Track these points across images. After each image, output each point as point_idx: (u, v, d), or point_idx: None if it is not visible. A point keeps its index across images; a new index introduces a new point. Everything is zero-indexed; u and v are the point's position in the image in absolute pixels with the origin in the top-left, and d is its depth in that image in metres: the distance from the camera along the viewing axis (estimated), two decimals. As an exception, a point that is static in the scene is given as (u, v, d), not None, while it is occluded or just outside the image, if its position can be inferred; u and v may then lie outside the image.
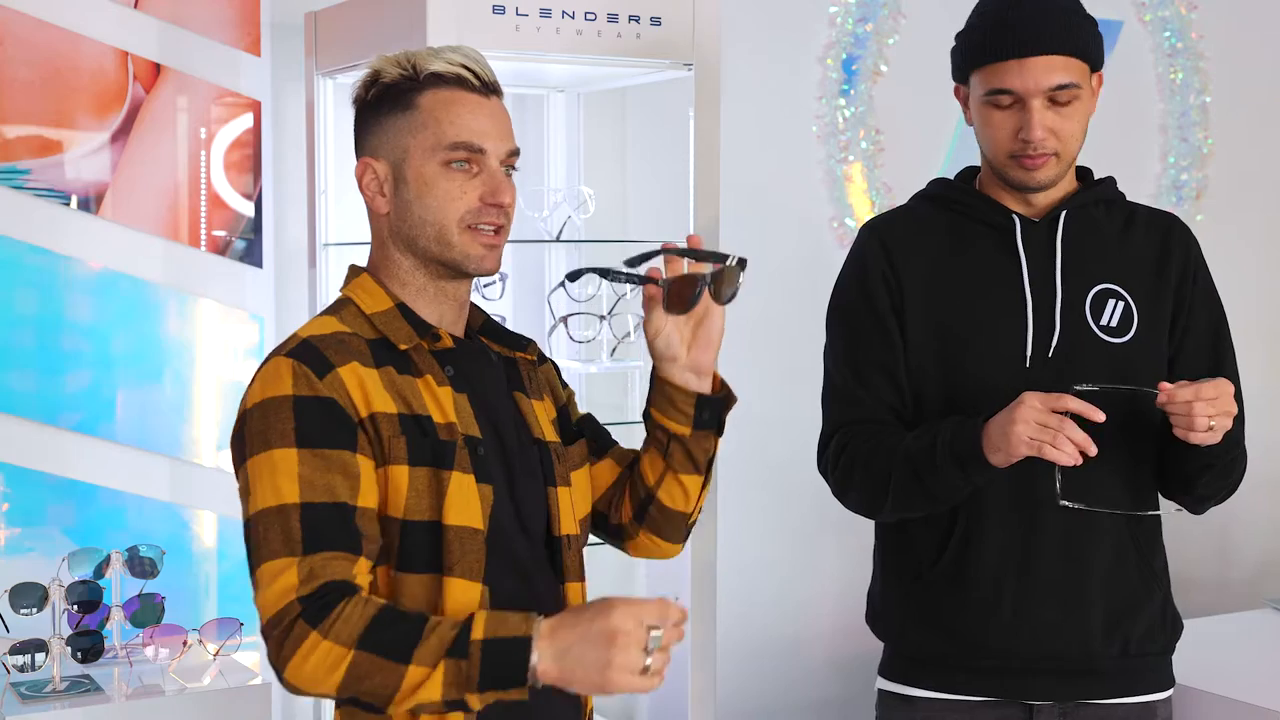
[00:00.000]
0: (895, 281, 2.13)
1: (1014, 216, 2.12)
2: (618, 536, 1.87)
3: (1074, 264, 2.10)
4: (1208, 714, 2.68)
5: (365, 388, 1.58)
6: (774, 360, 3.48)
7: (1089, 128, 2.13)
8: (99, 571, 2.63)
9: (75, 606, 2.58)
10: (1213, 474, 2.11)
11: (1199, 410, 1.92)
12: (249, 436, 1.56)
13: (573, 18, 2.61)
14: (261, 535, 1.52)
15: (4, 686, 2.51)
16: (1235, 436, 2.06)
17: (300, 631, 1.47)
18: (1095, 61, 2.09)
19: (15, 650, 2.52)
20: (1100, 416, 1.89)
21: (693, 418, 1.78)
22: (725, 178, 2.86)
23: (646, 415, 1.83)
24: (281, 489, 1.53)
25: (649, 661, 1.42)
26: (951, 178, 2.24)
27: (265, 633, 1.50)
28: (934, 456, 1.99)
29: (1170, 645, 2.18)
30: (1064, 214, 2.11)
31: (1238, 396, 2.09)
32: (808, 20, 3.55)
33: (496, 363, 1.73)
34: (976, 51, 2.07)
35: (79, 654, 2.56)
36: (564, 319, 2.93)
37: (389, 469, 1.58)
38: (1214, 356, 2.17)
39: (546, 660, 1.43)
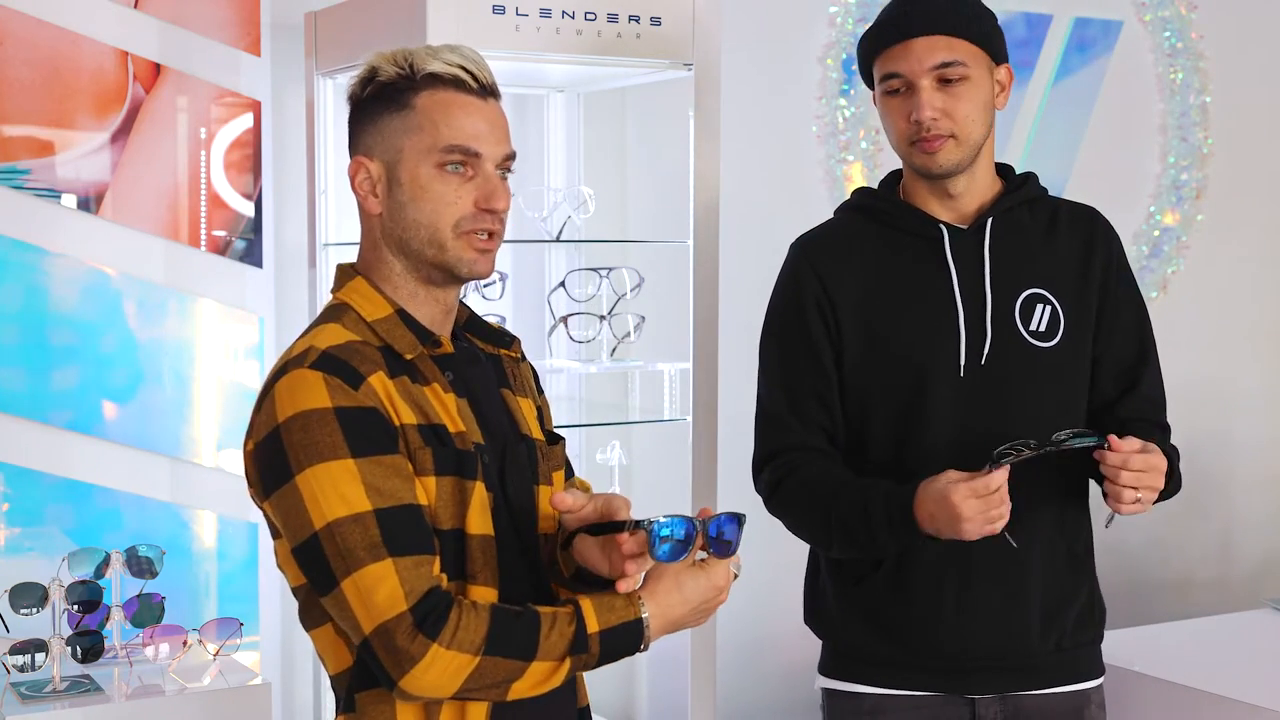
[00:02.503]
0: (829, 304, 2.15)
1: (941, 226, 2.13)
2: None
3: (1002, 270, 2.12)
4: (1210, 714, 2.68)
5: (392, 398, 1.57)
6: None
7: (994, 119, 2.13)
8: (99, 571, 2.63)
9: (75, 606, 2.58)
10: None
11: (1125, 480, 1.97)
12: (291, 450, 1.52)
13: (573, 18, 2.61)
14: (342, 545, 1.49)
15: (4, 686, 2.51)
16: (1170, 489, 2.08)
17: (420, 645, 1.47)
18: (993, 52, 2.11)
19: (15, 650, 2.51)
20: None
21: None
22: (725, 178, 2.86)
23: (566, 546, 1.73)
24: (349, 498, 1.50)
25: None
26: (874, 185, 2.27)
27: (372, 642, 1.49)
28: (870, 528, 2.04)
29: (1099, 634, 2.22)
30: (990, 221, 2.13)
31: (1163, 389, 2.19)
32: (808, 21, 3.55)
33: (485, 361, 1.72)
34: (870, 44, 2.12)
35: (79, 654, 2.56)
36: (564, 319, 2.93)
37: (418, 479, 1.57)
38: (1140, 352, 2.18)
39: (655, 629, 1.57)
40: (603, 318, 2.92)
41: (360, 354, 1.58)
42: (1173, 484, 2.08)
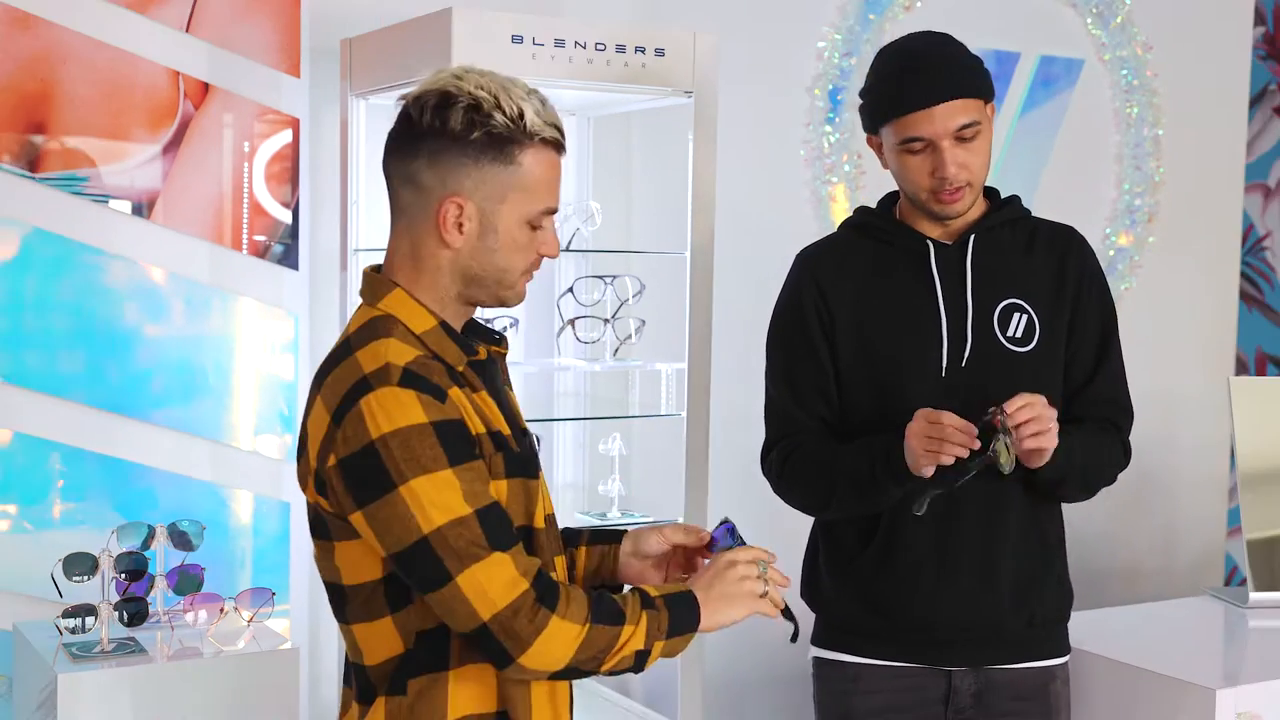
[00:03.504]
0: (825, 309, 2.19)
1: (928, 242, 2.16)
2: None
3: (982, 282, 2.14)
4: (1154, 690, 2.69)
5: (465, 408, 1.55)
6: (764, 361, 3.48)
7: (995, 157, 2.19)
8: (145, 544, 2.63)
9: (123, 575, 2.58)
10: (1068, 488, 2.16)
11: (1021, 416, 1.97)
12: (392, 464, 1.49)
13: (584, 48, 2.61)
14: (452, 547, 1.48)
15: (57, 647, 2.51)
16: (1071, 461, 2.08)
17: (542, 619, 1.49)
18: (988, 95, 2.13)
19: (67, 614, 2.52)
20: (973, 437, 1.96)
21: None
22: (720, 196, 2.86)
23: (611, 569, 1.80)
24: (452, 505, 1.49)
25: (766, 588, 1.64)
26: (874, 205, 2.29)
27: (491, 627, 1.49)
28: (874, 476, 2.08)
29: (1066, 614, 2.24)
30: (973, 237, 2.15)
31: (1124, 394, 2.21)
32: (797, 54, 3.55)
33: (492, 361, 1.70)
34: (886, 107, 2.11)
35: (125, 618, 2.57)
36: (571, 321, 2.94)
37: (492, 484, 1.56)
38: (1098, 355, 2.20)
39: (703, 602, 1.60)
40: (607, 321, 2.93)
41: (431, 368, 1.54)
42: (1074, 461, 2.06)
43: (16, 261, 2.73)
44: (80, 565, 2.54)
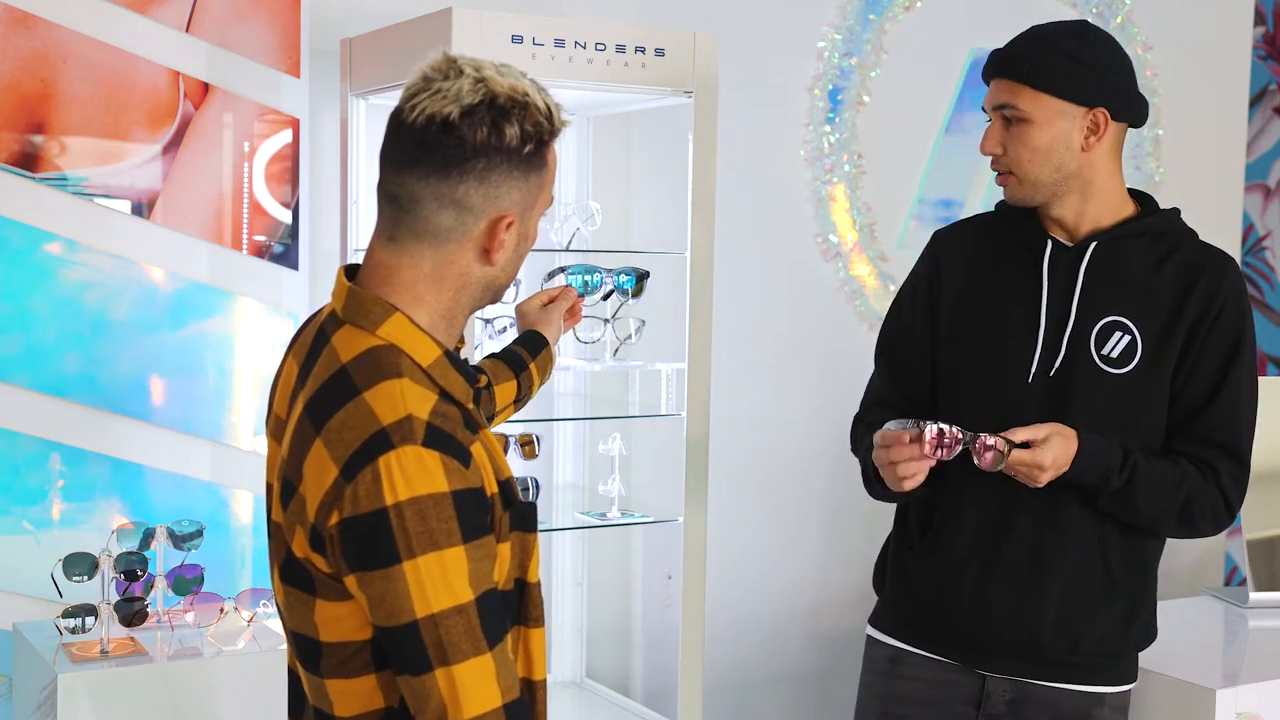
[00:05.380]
0: (939, 281, 2.20)
1: (1048, 239, 2.10)
2: None
3: (1093, 293, 2.07)
4: (1152, 692, 2.68)
5: (484, 464, 1.43)
6: (763, 361, 3.49)
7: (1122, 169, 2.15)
8: (144, 544, 2.63)
9: (122, 575, 2.58)
10: (1113, 506, 2.07)
11: (1013, 457, 1.99)
12: (402, 535, 1.35)
13: (584, 48, 2.61)
14: (444, 637, 1.35)
15: (57, 647, 2.51)
16: (1099, 477, 2.03)
17: None
18: (1073, 96, 2.04)
19: (67, 614, 2.52)
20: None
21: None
22: (720, 196, 2.86)
23: (523, 366, 2.02)
24: (455, 588, 1.36)
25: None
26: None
27: None
28: (872, 484, 2.12)
29: (1127, 649, 2.14)
30: (1094, 244, 2.08)
31: (1234, 435, 2.07)
32: (797, 54, 3.55)
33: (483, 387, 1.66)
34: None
35: (125, 618, 2.57)
36: (571, 321, 2.94)
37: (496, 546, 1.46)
38: (1212, 391, 2.07)
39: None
40: (607, 321, 2.92)
41: (450, 419, 1.41)
42: (1087, 476, 2.01)
43: (16, 261, 2.73)
44: (80, 565, 2.55)
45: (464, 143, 1.43)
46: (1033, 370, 2.07)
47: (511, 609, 1.49)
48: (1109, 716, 2.14)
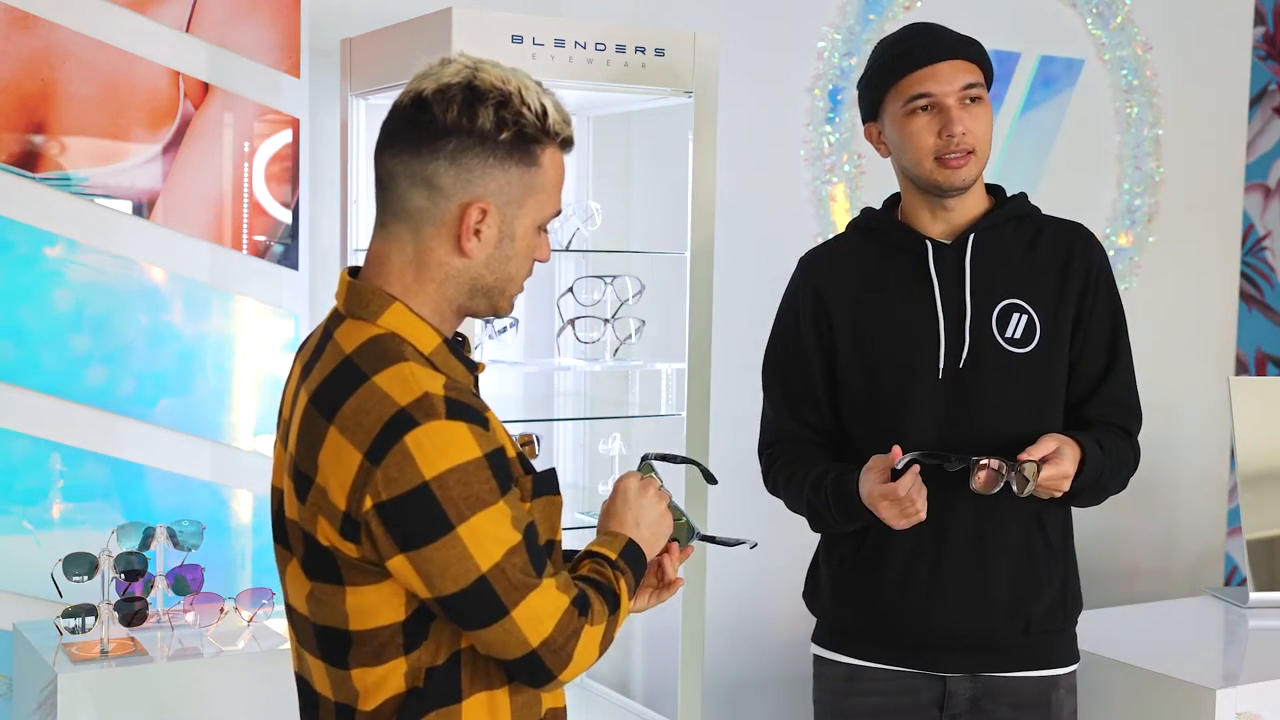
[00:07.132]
0: (824, 312, 2.19)
1: (927, 242, 2.14)
2: None
3: (982, 282, 2.12)
4: (1152, 692, 2.68)
5: (502, 432, 1.49)
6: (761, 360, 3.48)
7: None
8: (144, 543, 2.63)
9: (122, 575, 2.59)
10: (1083, 498, 2.14)
11: (1043, 477, 2.01)
12: (451, 504, 1.40)
13: (584, 48, 2.61)
14: (509, 580, 1.43)
15: (57, 647, 2.51)
16: (1087, 474, 2.07)
17: (578, 629, 1.48)
18: (989, 74, 2.14)
19: (67, 614, 2.52)
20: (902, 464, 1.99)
21: None
22: (720, 196, 2.86)
23: None
24: (504, 536, 1.43)
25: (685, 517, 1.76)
26: (858, 205, 2.31)
27: (539, 653, 1.46)
28: (830, 514, 2.11)
29: (1070, 621, 2.21)
30: (972, 236, 2.13)
31: (1134, 397, 2.19)
32: (797, 54, 3.55)
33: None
34: (893, 69, 2.11)
35: (125, 618, 2.57)
36: (571, 321, 2.94)
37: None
38: (1108, 356, 2.17)
39: (641, 544, 1.64)
40: (607, 321, 2.92)
41: (463, 390, 1.46)
42: (1087, 475, 2.06)
43: (16, 261, 2.73)
44: (80, 565, 2.55)
45: (435, 120, 1.46)
46: (941, 366, 2.10)
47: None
48: (1064, 698, 2.18)
